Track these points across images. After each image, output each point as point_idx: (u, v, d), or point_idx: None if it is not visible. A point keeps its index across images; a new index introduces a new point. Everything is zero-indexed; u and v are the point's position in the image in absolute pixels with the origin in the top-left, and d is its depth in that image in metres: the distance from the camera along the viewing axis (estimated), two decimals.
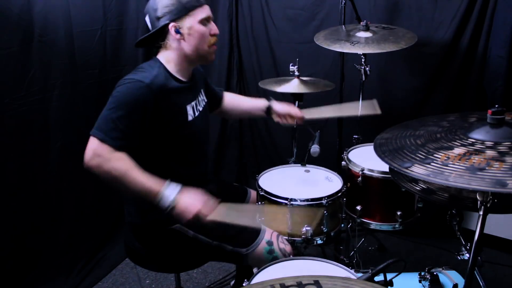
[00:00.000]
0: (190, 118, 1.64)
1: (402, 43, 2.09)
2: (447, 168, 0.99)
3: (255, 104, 2.01)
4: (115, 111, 1.46)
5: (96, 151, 1.44)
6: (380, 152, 1.16)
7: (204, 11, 1.58)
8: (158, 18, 1.55)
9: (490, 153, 1.02)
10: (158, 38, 1.59)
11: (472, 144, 1.07)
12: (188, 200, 1.45)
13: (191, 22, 1.55)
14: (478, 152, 1.03)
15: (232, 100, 2.03)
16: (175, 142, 1.61)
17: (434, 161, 1.02)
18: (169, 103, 1.55)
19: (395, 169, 1.06)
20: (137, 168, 1.45)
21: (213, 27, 1.62)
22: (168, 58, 1.60)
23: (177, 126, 1.60)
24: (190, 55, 1.61)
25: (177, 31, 1.55)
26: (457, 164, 0.99)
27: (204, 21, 1.58)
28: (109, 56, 2.45)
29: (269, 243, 1.65)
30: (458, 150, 1.05)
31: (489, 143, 1.06)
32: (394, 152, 1.14)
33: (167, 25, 1.54)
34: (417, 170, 1.01)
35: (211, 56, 1.65)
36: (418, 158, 1.06)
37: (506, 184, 0.90)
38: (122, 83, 1.50)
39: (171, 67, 1.60)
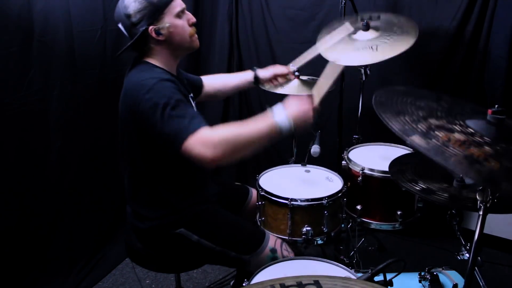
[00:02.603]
0: (195, 110, 1.65)
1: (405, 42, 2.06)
2: (447, 149, 0.96)
3: (241, 77, 2.02)
4: (169, 114, 1.38)
5: (202, 144, 1.33)
6: (381, 111, 1.09)
7: (177, 4, 1.55)
8: (134, 25, 1.51)
9: (488, 149, 1.01)
10: (140, 43, 1.55)
11: (472, 134, 1.05)
12: (297, 110, 1.43)
13: (169, 20, 1.52)
14: (477, 144, 1.01)
15: (215, 82, 2.01)
16: None
17: (435, 138, 0.99)
18: (183, 92, 1.54)
19: (397, 133, 1.01)
20: (238, 125, 1.39)
21: (189, 16, 1.59)
22: (156, 59, 1.58)
23: None
24: (175, 51, 1.59)
25: (158, 33, 1.52)
26: (457, 149, 0.97)
27: (179, 14, 1.55)
28: (109, 56, 2.45)
29: (273, 250, 1.65)
30: (459, 136, 1.03)
31: (487, 139, 1.05)
32: (396, 116, 1.08)
33: (146, 29, 1.50)
34: (419, 142, 0.97)
35: (195, 43, 1.62)
36: (419, 130, 1.02)
37: (499, 184, 0.89)
38: (143, 97, 1.41)
39: (163, 66, 1.59)
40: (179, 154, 1.37)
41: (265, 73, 2.01)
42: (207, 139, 1.35)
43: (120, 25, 1.56)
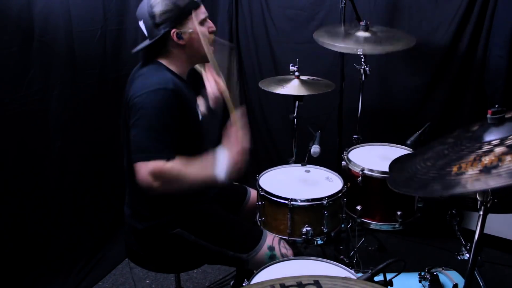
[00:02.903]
0: (200, 117, 1.65)
1: (400, 44, 2.09)
2: (462, 177, 0.98)
3: None
4: (150, 127, 1.42)
5: (152, 173, 1.39)
6: (398, 187, 1.14)
7: (202, 11, 1.58)
8: (157, 26, 1.51)
9: (499, 150, 1.00)
10: (158, 44, 1.55)
11: (480, 147, 1.06)
12: (232, 159, 1.48)
13: (192, 26, 1.53)
14: (487, 152, 1.01)
15: None
16: (189, 143, 1.59)
17: (448, 175, 1.01)
18: (186, 105, 1.54)
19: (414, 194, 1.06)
20: (189, 165, 1.45)
21: (210, 24, 1.62)
22: (170, 61, 1.58)
23: (193, 126, 1.59)
24: (193, 57, 1.60)
25: (179, 37, 1.53)
26: (471, 170, 0.98)
27: (203, 21, 1.57)
28: (109, 56, 2.45)
29: (271, 248, 1.65)
30: (468, 158, 1.04)
31: (495, 142, 1.05)
32: (409, 181, 1.12)
33: (168, 32, 1.51)
34: (433, 188, 1.00)
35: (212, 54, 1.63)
36: (430, 178, 1.05)
37: None
38: (141, 93, 1.45)
39: (175, 69, 1.59)
40: (128, 165, 1.45)
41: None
42: (160, 172, 1.40)
43: (141, 23, 1.56)
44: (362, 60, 2.25)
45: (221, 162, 1.47)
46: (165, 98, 1.45)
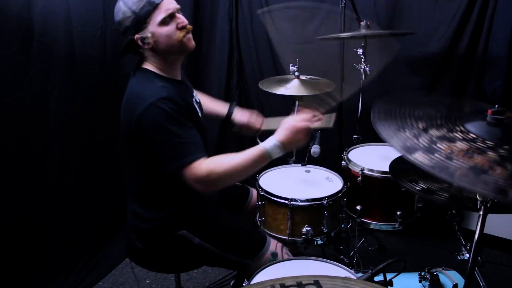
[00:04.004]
0: (200, 114, 1.65)
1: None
2: (451, 163, 0.95)
3: (217, 108, 1.98)
4: (168, 136, 1.44)
5: (193, 178, 1.43)
6: (382, 130, 1.09)
7: (161, 12, 1.49)
8: (124, 33, 1.53)
9: (491, 155, 0.99)
10: (133, 49, 1.56)
11: (474, 140, 1.04)
12: (290, 140, 1.48)
13: (152, 29, 1.50)
14: (480, 151, 1.00)
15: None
16: None
17: (438, 152, 0.97)
18: (185, 106, 1.53)
19: (400, 152, 1.00)
20: (228, 156, 1.47)
21: (180, 20, 1.53)
22: (153, 65, 1.57)
23: (193, 124, 1.57)
24: (167, 57, 1.57)
25: (144, 42, 1.51)
26: (461, 161, 0.95)
27: (165, 20, 1.50)
28: (109, 56, 2.45)
29: (274, 254, 1.65)
30: (461, 145, 1.01)
31: (489, 143, 1.04)
32: (397, 132, 1.07)
33: (132, 39, 1.51)
34: (422, 160, 0.96)
35: (189, 44, 1.57)
36: (421, 145, 1.00)
37: (507, 193, 0.87)
38: (140, 112, 1.44)
39: (161, 72, 1.57)
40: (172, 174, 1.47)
41: (239, 118, 1.96)
42: (200, 177, 1.44)
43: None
44: (362, 60, 2.25)
45: (271, 142, 1.48)
46: (164, 106, 1.44)
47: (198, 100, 1.72)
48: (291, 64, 2.24)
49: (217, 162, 1.46)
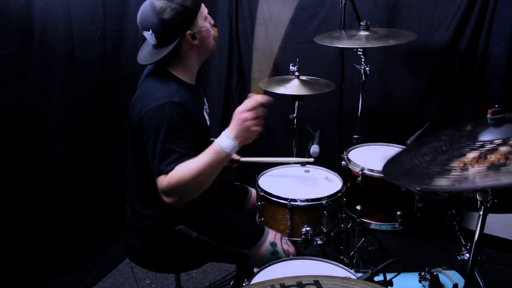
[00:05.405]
0: (208, 123, 1.65)
1: (401, 39, 2.10)
2: (468, 172, 0.94)
3: None
4: (155, 142, 1.41)
5: (159, 190, 1.40)
6: (396, 181, 1.11)
7: (203, 7, 1.55)
8: (172, 31, 1.47)
9: (503, 149, 0.99)
10: (172, 51, 1.50)
11: (482, 146, 1.04)
12: (241, 130, 1.38)
13: (201, 23, 1.52)
14: (492, 151, 1.00)
15: None
16: (199, 152, 1.51)
17: (453, 170, 0.97)
18: (192, 117, 1.50)
19: (420, 193, 1.03)
20: (187, 164, 1.38)
21: (210, 18, 1.60)
22: (179, 68, 1.56)
23: (202, 135, 1.57)
24: (203, 55, 1.60)
25: (194, 37, 1.51)
26: (477, 166, 0.95)
27: (206, 17, 1.56)
28: (109, 56, 2.45)
29: (273, 244, 1.65)
30: (472, 155, 1.01)
31: (498, 141, 1.03)
32: (409, 174, 1.08)
33: (183, 35, 1.49)
34: (441, 183, 0.97)
35: (215, 47, 1.64)
36: (434, 173, 1.01)
37: None
38: (147, 109, 1.43)
39: (181, 74, 1.57)
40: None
41: None
42: (161, 189, 1.40)
43: (148, 33, 1.49)
44: (362, 60, 2.25)
45: (223, 137, 1.40)
46: (170, 111, 1.42)
47: (207, 109, 1.71)
48: (291, 64, 2.24)
49: (174, 173, 1.39)
